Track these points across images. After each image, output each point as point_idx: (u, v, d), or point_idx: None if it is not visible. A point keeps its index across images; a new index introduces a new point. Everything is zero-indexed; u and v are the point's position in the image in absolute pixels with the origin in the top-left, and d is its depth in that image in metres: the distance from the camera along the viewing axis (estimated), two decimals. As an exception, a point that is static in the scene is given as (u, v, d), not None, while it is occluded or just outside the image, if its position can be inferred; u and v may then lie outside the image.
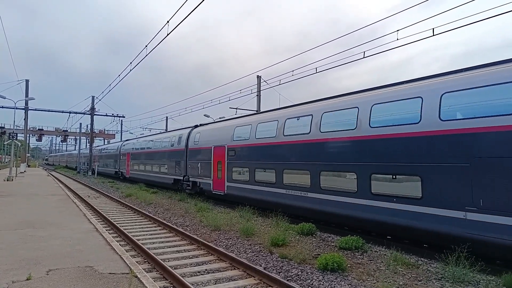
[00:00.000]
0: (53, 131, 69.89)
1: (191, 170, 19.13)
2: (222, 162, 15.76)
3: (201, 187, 17.84)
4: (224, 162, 15.64)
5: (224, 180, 15.56)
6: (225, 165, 15.52)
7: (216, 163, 16.31)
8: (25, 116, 40.57)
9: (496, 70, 7.21)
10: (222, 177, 15.75)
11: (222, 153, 15.84)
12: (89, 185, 28.56)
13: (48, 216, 10.86)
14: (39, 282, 5.10)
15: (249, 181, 13.83)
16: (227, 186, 15.36)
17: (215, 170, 16.41)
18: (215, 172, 16.40)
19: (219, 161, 16.04)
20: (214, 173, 16.51)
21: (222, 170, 15.72)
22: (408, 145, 8.22)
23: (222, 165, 15.78)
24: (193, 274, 6.84)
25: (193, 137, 19.48)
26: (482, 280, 6.41)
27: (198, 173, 18.15)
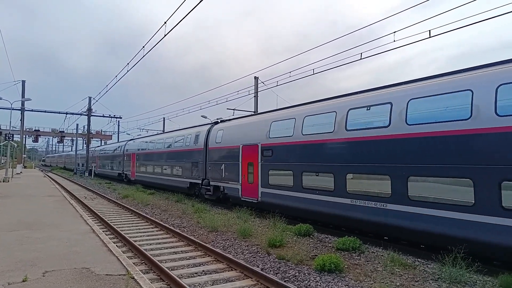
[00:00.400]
0: (50, 132, 69.73)
1: (212, 173, 16.67)
2: (255, 163, 13.39)
3: (226, 193, 15.45)
4: (257, 163, 13.27)
5: (257, 185, 13.18)
6: (258, 167, 13.15)
7: (246, 164, 14.01)
8: (22, 117, 40.43)
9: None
10: (254, 182, 13.38)
11: (254, 153, 13.49)
12: (86, 186, 28.44)
13: (44, 218, 10.81)
14: (35, 283, 5.08)
15: (294, 187, 11.41)
16: (261, 193, 12.94)
17: (245, 173, 14.08)
18: (245, 175, 14.05)
19: (250, 162, 13.73)
20: (243, 176, 14.16)
21: (255, 173, 13.34)
22: None
23: (254, 167, 13.43)
24: (190, 275, 6.83)
25: (214, 135, 16.98)
26: (478, 280, 6.43)
27: (222, 176, 15.74)
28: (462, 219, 7.06)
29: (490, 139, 6.82)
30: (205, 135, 17.95)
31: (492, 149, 6.79)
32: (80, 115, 47.75)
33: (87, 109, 45.65)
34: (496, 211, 6.55)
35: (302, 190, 11.07)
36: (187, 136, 20.13)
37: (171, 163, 21.79)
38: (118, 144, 38.49)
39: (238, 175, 14.48)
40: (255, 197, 13.34)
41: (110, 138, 70.50)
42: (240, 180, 14.37)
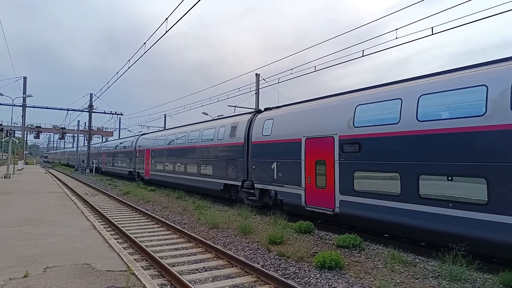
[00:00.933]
0: (51, 128, 69.81)
1: (258, 173, 13.59)
2: (328, 162, 10.31)
3: (280, 199, 12.36)
4: (331, 162, 10.20)
5: (332, 191, 10.09)
6: (334, 167, 10.07)
7: (312, 163, 10.92)
8: (23, 113, 40.49)
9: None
10: (328, 186, 10.28)
11: (326, 148, 10.40)
12: (87, 183, 28.51)
13: (45, 214, 10.84)
14: (36, 279, 5.09)
15: (403, 196, 8.26)
16: (340, 202, 9.85)
17: (310, 174, 10.96)
18: (310, 177, 10.94)
19: (319, 160, 10.68)
20: (307, 179, 11.04)
21: (329, 175, 10.26)
22: None
23: (327, 167, 10.33)
24: (190, 271, 6.84)
25: (260, 125, 13.87)
26: (479, 278, 6.44)
27: (272, 178, 12.66)
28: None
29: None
30: (245, 126, 14.86)
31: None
32: (82, 111, 47.85)
33: (88, 106, 45.69)
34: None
35: (419, 201, 7.93)
36: (220, 129, 16.86)
37: (198, 160, 18.46)
38: (128, 139, 34.52)
39: (300, 176, 11.31)
40: (329, 206, 10.15)
41: (111, 134, 70.57)
42: (302, 183, 11.18)
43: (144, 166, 26.94)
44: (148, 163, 26.15)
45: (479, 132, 7.07)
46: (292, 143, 11.85)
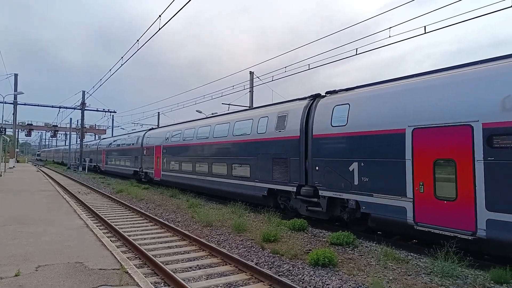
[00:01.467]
0: (43, 126, 69.07)
1: (323, 176, 10.41)
2: (461, 162, 7.24)
3: (365, 212, 9.14)
4: (468, 162, 7.12)
5: (473, 204, 6.95)
6: (474, 170, 6.99)
7: (427, 164, 7.82)
8: (14, 111, 39.98)
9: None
10: (462, 198, 7.15)
11: (457, 142, 7.34)
12: (79, 181, 28.28)
13: (37, 212, 10.73)
14: (28, 278, 5.04)
15: None
16: (489, 221, 6.72)
17: (424, 179, 7.86)
18: (424, 184, 7.83)
19: (439, 160, 7.65)
20: (418, 186, 7.93)
21: (464, 181, 7.14)
22: None
23: (461, 170, 7.22)
24: (184, 269, 6.83)
25: (326, 113, 10.58)
26: (470, 275, 6.52)
27: (351, 184, 9.49)
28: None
29: None
30: (301, 115, 11.50)
31: None
32: (74, 109, 47.33)
33: (80, 103, 45.23)
34: None
35: None
36: (260, 120, 13.48)
37: (227, 160, 15.10)
38: (133, 135, 30.33)
39: (402, 182, 8.17)
40: (466, 228, 6.97)
41: (104, 132, 69.99)
42: (409, 192, 8.02)
43: (154, 166, 23.40)
44: (158, 163, 22.64)
45: None
46: (387, 135, 8.73)
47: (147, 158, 25.23)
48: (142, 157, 26.09)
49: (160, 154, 22.60)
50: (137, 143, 27.37)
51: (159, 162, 22.49)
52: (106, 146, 37.19)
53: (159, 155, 22.62)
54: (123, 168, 30.31)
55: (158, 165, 22.74)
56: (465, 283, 6.15)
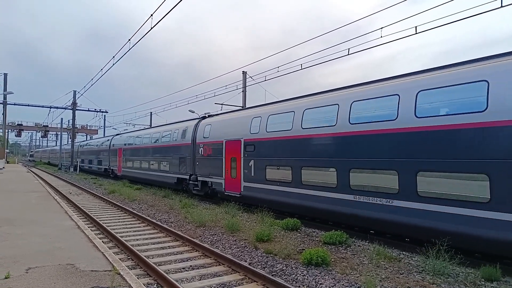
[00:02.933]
0: (33, 126, 68.24)
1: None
2: None
3: None
4: None
5: None
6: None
7: None
8: (4, 111, 39.41)
9: None
10: None
11: None
12: (70, 182, 27.96)
13: (28, 213, 10.59)
14: (18, 280, 4.97)
15: None
16: None
17: None
18: None
19: None
20: None
21: None
22: None
23: None
24: (177, 270, 6.79)
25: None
26: (461, 272, 6.59)
27: None
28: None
29: None
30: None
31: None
32: (65, 109, 46.77)
33: (71, 103, 44.74)
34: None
35: None
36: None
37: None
38: (180, 125, 20.12)
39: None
40: None
41: (96, 132, 69.41)
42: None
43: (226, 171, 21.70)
44: (229, 167, 17.32)
45: None
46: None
47: (202, 161, 16.66)
48: (194, 159, 17.28)
49: (242, 156, 15.35)
50: (187, 137, 18.19)
51: (231, 168, 14.80)
52: (126, 143, 28.19)
53: (229, 158, 14.72)
54: (158, 174, 21.30)
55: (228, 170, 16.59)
56: (456, 281, 6.22)
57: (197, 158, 16.84)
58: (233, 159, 13.86)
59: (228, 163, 14.27)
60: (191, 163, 17.22)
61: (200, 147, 16.58)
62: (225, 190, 14.28)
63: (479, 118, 6.91)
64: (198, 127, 17.31)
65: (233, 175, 13.82)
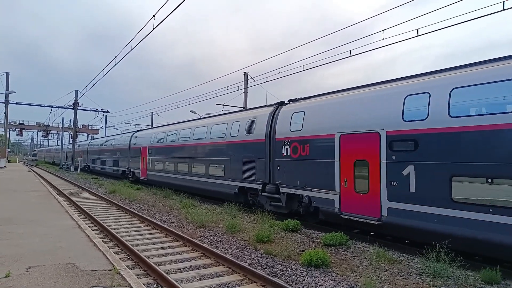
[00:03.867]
0: (35, 125, 68.36)
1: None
2: None
3: None
4: None
5: None
6: None
7: None
8: (6, 110, 39.49)
9: None
10: None
11: None
12: (71, 181, 28.00)
13: (28, 213, 10.61)
14: (18, 279, 4.98)
15: None
16: None
17: None
18: None
19: None
20: None
21: None
22: None
23: None
24: (177, 270, 6.80)
25: None
26: (461, 275, 6.58)
27: None
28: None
29: None
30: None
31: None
32: (66, 108, 46.88)
33: (73, 103, 44.84)
34: None
35: None
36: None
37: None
38: (240, 115, 15.34)
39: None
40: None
41: (97, 132, 69.52)
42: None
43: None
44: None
45: None
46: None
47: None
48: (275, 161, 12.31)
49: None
50: (257, 131, 13.24)
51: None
52: (153, 141, 23.02)
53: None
54: (206, 181, 16.22)
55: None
56: (456, 283, 6.21)
57: (277, 161, 11.92)
58: (358, 164, 9.20)
59: (347, 168, 9.47)
60: (266, 167, 12.41)
61: (283, 145, 11.70)
62: (342, 211, 9.49)
63: None
64: (277, 116, 12.36)
65: (360, 188, 9.11)
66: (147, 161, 22.78)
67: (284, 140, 11.69)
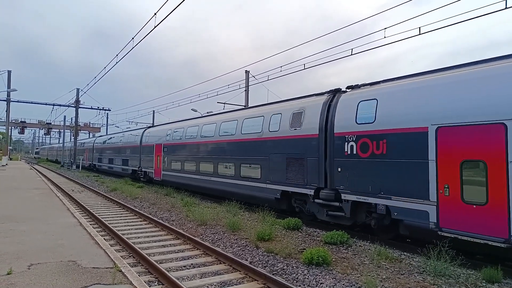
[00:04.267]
0: (36, 123, 68.41)
1: None
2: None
3: None
4: None
5: None
6: None
7: None
8: (7, 108, 39.58)
9: None
10: None
11: None
12: (73, 179, 28.06)
13: (30, 210, 10.64)
14: (20, 276, 5.00)
15: None
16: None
17: None
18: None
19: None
20: None
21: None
22: None
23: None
24: (178, 268, 6.82)
25: None
26: (462, 274, 6.57)
27: None
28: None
29: None
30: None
31: None
32: (68, 106, 46.93)
33: (75, 101, 44.89)
34: None
35: None
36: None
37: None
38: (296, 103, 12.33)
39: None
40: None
41: (99, 130, 69.61)
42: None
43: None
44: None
45: None
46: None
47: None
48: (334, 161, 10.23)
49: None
50: (306, 125, 11.19)
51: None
52: (170, 138, 20.78)
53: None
54: (235, 183, 14.14)
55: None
56: (457, 282, 6.21)
57: (337, 161, 9.82)
58: (469, 165, 7.07)
59: (448, 171, 7.30)
60: (320, 169, 10.31)
61: (346, 141, 9.60)
62: (441, 227, 7.34)
63: None
64: (335, 106, 10.24)
65: (473, 197, 6.95)
66: (161, 160, 20.76)
67: (348, 136, 9.51)
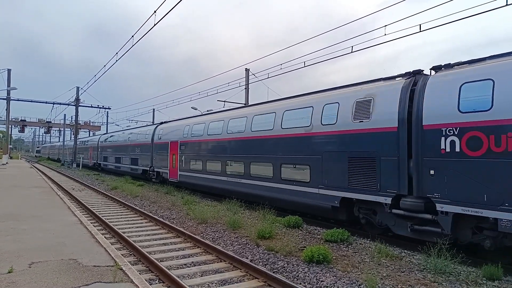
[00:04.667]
0: (36, 122, 68.40)
1: None
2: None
3: None
4: None
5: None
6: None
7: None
8: (7, 107, 39.55)
9: None
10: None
11: None
12: (73, 178, 28.09)
13: (30, 209, 10.64)
14: (21, 275, 5.01)
15: None
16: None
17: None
18: None
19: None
20: None
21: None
22: None
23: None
24: (179, 266, 6.83)
25: None
26: (462, 271, 6.58)
27: None
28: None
29: None
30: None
31: None
32: (68, 105, 46.93)
33: (75, 99, 44.87)
34: None
35: None
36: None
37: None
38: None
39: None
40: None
41: (99, 129, 69.57)
42: None
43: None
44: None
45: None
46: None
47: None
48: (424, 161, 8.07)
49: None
50: (376, 116, 8.99)
51: None
52: (189, 134, 18.42)
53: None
54: (276, 187, 12.00)
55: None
56: (458, 279, 6.21)
57: (429, 161, 7.71)
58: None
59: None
60: (401, 171, 8.22)
61: (443, 136, 7.46)
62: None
63: None
64: (421, 91, 8.11)
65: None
66: (178, 159, 18.62)
67: (446, 128, 7.39)
